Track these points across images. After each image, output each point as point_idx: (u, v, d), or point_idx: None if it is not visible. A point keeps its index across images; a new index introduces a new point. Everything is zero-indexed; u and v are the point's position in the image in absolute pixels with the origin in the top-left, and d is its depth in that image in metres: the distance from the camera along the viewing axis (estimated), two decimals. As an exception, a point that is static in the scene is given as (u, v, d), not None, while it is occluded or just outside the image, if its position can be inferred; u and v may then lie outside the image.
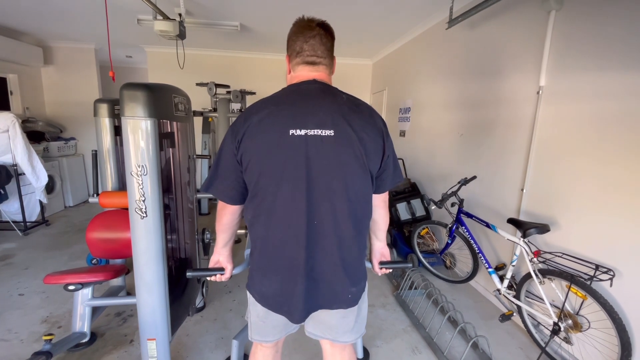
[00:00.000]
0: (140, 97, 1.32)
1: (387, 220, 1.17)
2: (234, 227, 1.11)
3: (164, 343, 1.53)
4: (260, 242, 1.00)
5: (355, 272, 1.05)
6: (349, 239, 0.99)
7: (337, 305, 1.05)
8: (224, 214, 1.06)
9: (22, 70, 4.49)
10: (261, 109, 0.94)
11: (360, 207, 1.00)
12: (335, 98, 0.96)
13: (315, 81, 0.99)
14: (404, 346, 2.00)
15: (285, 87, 1.01)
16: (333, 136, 0.91)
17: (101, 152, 2.27)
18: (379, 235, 1.20)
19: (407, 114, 4.02)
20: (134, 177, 1.36)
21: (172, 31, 2.96)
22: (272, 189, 0.94)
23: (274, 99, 0.96)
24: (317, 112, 0.92)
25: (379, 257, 1.21)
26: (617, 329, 1.54)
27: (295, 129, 0.90)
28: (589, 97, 1.74)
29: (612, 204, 1.63)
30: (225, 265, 1.14)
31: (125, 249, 2.02)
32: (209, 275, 1.12)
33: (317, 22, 1.01)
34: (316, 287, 1.00)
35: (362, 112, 0.97)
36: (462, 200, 2.47)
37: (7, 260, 3.02)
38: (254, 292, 1.07)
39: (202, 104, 5.02)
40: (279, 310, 1.04)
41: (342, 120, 0.92)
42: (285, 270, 0.99)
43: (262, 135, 0.91)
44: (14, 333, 2.02)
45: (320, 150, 0.91)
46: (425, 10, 3.12)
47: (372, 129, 0.96)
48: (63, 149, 4.70)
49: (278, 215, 0.95)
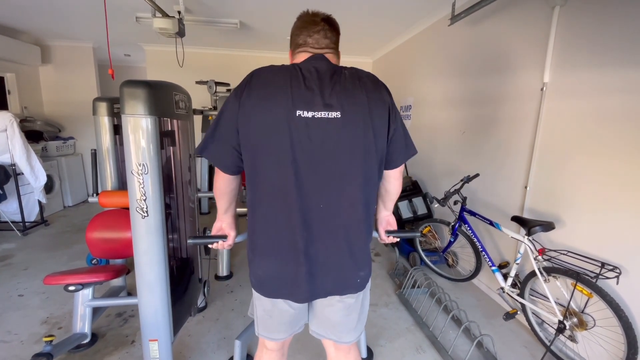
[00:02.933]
0: (140, 95, 1.30)
1: (399, 191, 1.14)
2: (231, 192, 1.06)
3: (166, 344, 1.52)
4: (261, 224, 0.98)
5: (362, 256, 1.04)
6: (356, 222, 0.98)
7: (347, 290, 1.03)
8: (218, 179, 1.03)
9: (20, 69, 4.45)
10: (269, 81, 0.91)
11: (366, 190, 0.98)
12: (339, 77, 0.93)
13: (323, 57, 0.96)
14: (407, 345, 1.98)
15: (294, 63, 0.97)
16: (340, 118, 0.89)
17: (100, 151, 2.24)
18: (388, 205, 1.18)
19: (408, 111, 4.00)
20: (134, 176, 1.34)
21: (171, 29, 2.93)
22: (276, 171, 0.91)
23: (284, 73, 0.92)
24: (324, 93, 0.90)
25: (386, 225, 1.19)
26: (623, 326, 1.53)
27: (302, 111, 0.88)
28: (593, 93, 1.72)
29: (617, 201, 1.61)
30: (228, 232, 1.12)
31: (126, 248, 2.01)
32: (211, 242, 1.10)
33: (322, 17, 0.99)
34: (323, 271, 0.98)
35: (366, 86, 0.94)
36: (465, 198, 2.45)
37: (7, 260, 3.00)
38: (252, 277, 1.05)
39: (202, 102, 4.99)
40: (277, 293, 1.02)
41: (347, 101, 0.90)
42: (284, 253, 0.96)
43: (267, 112, 0.88)
44: (14, 334, 2.00)
45: (327, 133, 0.89)
46: (427, 7, 3.10)
47: (377, 103, 0.94)
48: (62, 149, 4.66)
49: (282, 197, 0.93)
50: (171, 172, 1.80)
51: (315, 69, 0.93)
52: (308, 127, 0.88)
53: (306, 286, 0.98)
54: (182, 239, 1.93)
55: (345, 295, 1.05)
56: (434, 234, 3.04)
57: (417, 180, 3.48)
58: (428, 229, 3.02)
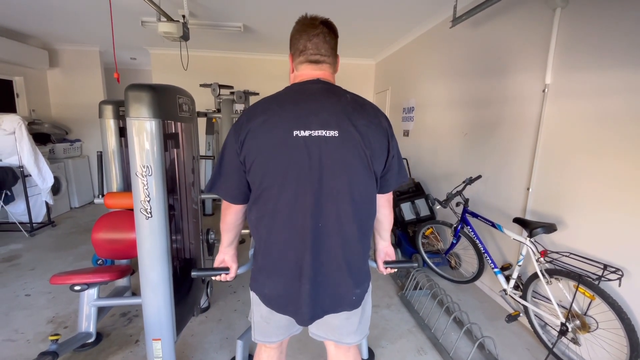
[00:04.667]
0: (145, 98, 1.32)
1: (392, 220, 1.17)
2: (239, 226, 1.10)
3: (169, 343, 1.54)
4: (264, 244, 1.00)
5: (359, 273, 1.04)
6: (354, 240, 0.99)
7: (341, 308, 1.04)
8: (228, 213, 1.06)
9: (28, 73, 4.53)
10: (264, 109, 0.93)
11: (364, 208, 0.99)
12: (340, 98, 0.95)
13: (319, 80, 0.99)
14: (409, 347, 1.98)
15: (288, 86, 1.00)
16: (337, 137, 0.90)
17: (106, 153, 2.28)
18: (383, 235, 1.19)
19: (410, 113, 4.01)
20: (139, 178, 1.37)
21: (175, 33, 2.97)
22: (276, 191, 0.93)
23: (277, 99, 0.96)
24: (321, 112, 0.91)
25: (384, 256, 1.20)
26: (625, 329, 1.52)
27: (299, 130, 0.89)
28: (595, 94, 1.72)
29: (620, 203, 1.61)
30: (230, 265, 1.14)
31: (131, 249, 2.03)
32: (214, 274, 1.12)
33: (321, 20, 1.00)
34: (321, 289, 0.99)
35: (367, 112, 0.96)
36: (467, 199, 2.45)
37: (14, 261, 3.05)
38: (257, 293, 1.07)
39: (206, 105, 5.04)
40: (284, 310, 1.03)
41: (346, 121, 0.91)
42: (289, 272, 0.98)
43: (265, 135, 0.90)
44: (21, 333, 2.03)
45: (324, 152, 0.90)
46: (429, 9, 3.11)
47: (376, 129, 0.95)
48: (68, 151, 4.74)
49: (282, 216, 0.94)
50: (175, 174, 1.82)
51: (314, 90, 0.96)
52: (306, 145, 0.90)
53: (307, 309, 0.99)
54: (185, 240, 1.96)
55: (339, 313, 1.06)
56: (437, 235, 3.04)
57: (419, 182, 3.48)
58: (430, 231, 3.02)
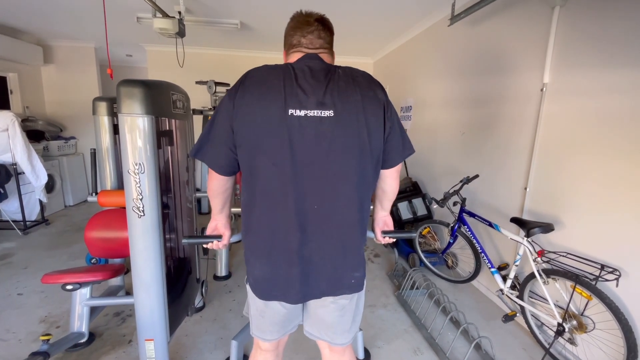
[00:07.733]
0: (137, 94, 1.30)
1: (396, 191, 1.12)
2: (226, 191, 1.06)
3: (162, 343, 1.52)
4: (255, 225, 0.97)
5: (356, 257, 1.03)
6: (351, 223, 0.97)
7: (340, 291, 1.02)
8: (212, 180, 1.02)
9: (22, 69, 4.47)
10: (263, 80, 0.90)
11: (361, 190, 0.97)
12: (333, 75, 0.93)
13: (317, 56, 0.96)
14: (405, 347, 1.97)
15: (288, 63, 0.97)
16: (332, 117, 0.89)
17: (100, 151, 2.25)
18: (385, 205, 1.16)
19: (408, 112, 4.00)
20: (131, 175, 1.34)
21: (171, 29, 2.94)
22: (269, 171, 0.90)
23: (277, 72, 0.91)
24: (317, 91, 0.89)
25: (382, 225, 1.18)
26: (623, 329, 1.51)
27: (295, 109, 0.87)
28: (593, 93, 1.71)
29: (617, 202, 1.60)
30: (223, 232, 1.11)
31: (124, 248, 2.01)
32: (205, 242, 1.09)
33: (316, 17, 0.99)
34: (318, 272, 0.98)
35: (359, 85, 0.93)
36: (465, 199, 2.44)
37: (7, 259, 3.01)
38: (250, 277, 1.04)
39: (202, 102, 5.00)
40: (269, 295, 1.01)
41: (340, 99, 0.89)
42: (278, 254, 0.96)
43: (261, 112, 0.88)
44: (12, 333, 2.00)
45: (320, 132, 0.88)
46: (427, 7, 3.09)
47: (370, 102, 0.93)
48: (63, 148, 4.68)
49: (275, 197, 0.92)
50: (169, 172, 1.80)
51: (308, 68, 0.93)
52: (301, 126, 0.88)
53: (299, 287, 0.97)
54: (179, 239, 1.93)
55: (339, 296, 1.04)
56: (434, 235, 3.03)
57: (417, 181, 3.47)
58: (427, 230, 3.01)
